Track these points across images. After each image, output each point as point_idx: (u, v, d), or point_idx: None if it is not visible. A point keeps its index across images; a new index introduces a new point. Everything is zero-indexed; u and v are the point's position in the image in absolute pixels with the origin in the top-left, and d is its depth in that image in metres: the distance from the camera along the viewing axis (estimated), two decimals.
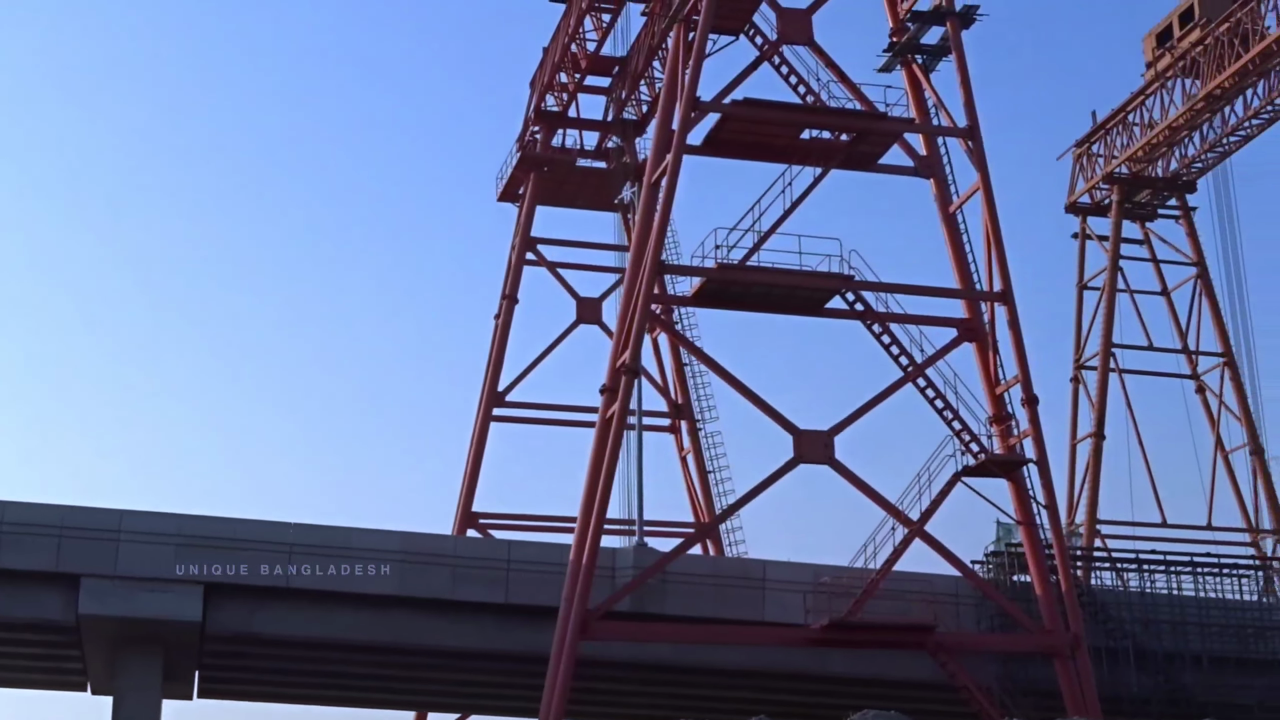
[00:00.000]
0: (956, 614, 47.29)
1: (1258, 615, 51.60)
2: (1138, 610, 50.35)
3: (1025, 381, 46.36)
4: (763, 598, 46.39)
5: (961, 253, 48.00)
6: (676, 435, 62.83)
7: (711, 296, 46.42)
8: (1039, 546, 45.81)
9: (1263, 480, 65.48)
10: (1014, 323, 46.70)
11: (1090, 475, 64.70)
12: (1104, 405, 65.25)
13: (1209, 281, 67.97)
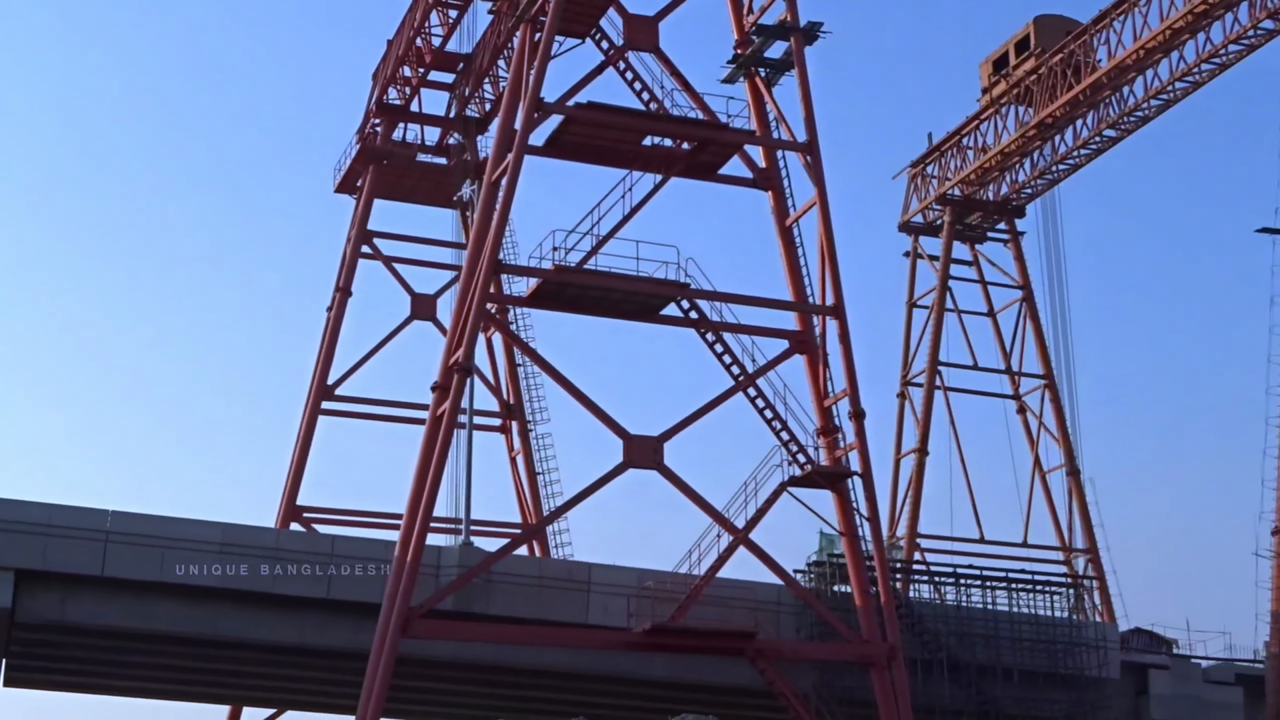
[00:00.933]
0: (777, 622, 47.78)
1: (1067, 632, 52.89)
2: (953, 623, 51.33)
3: (853, 395, 47.05)
4: (587, 600, 46.45)
5: (796, 266, 48.59)
6: (507, 436, 62.73)
7: (547, 298, 46.41)
8: (860, 558, 46.49)
9: (1077, 500, 67.16)
10: (844, 337, 47.37)
11: (912, 490, 65.87)
12: (928, 422, 66.46)
13: (1034, 305, 69.59)
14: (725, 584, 45.80)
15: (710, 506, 44.94)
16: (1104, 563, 66.07)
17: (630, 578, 46.66)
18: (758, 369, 46.51)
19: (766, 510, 45.65)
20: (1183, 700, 54.27)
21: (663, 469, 44.75)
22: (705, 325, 46.29)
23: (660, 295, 45.84)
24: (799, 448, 46.22)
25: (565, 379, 45.16)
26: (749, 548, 45.13)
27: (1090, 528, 66.70)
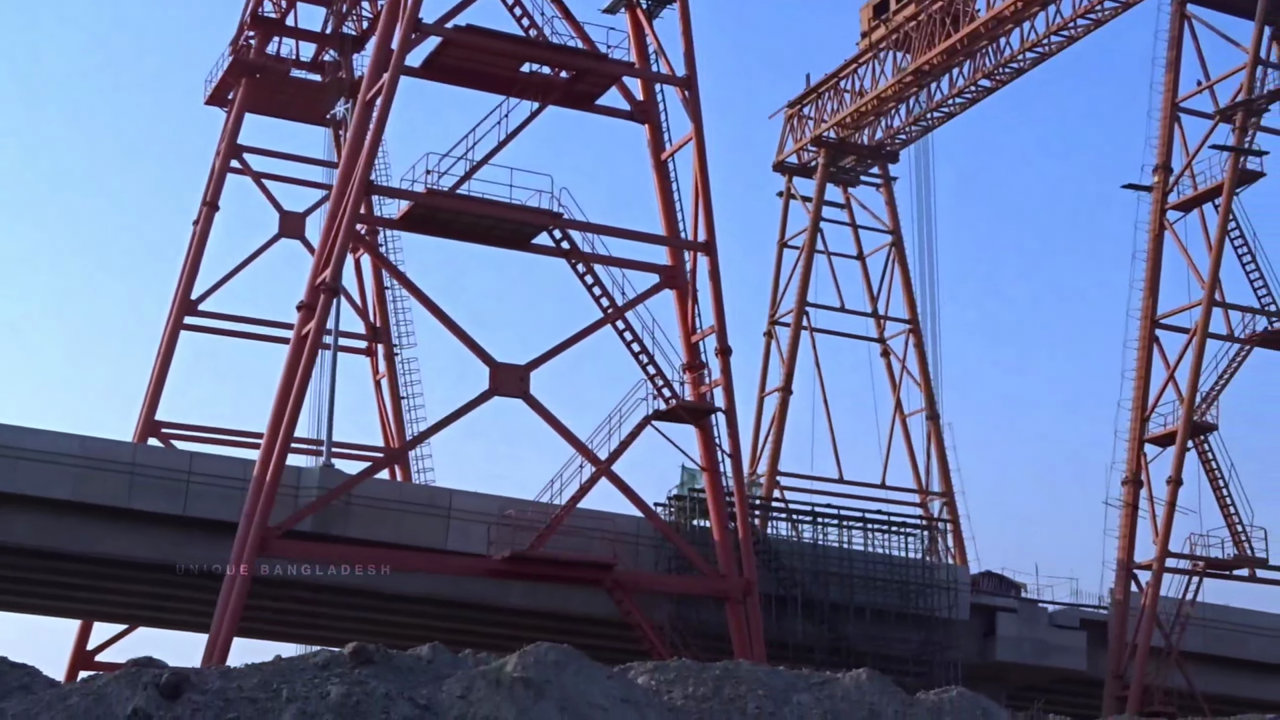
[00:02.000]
0: (636, 554, 48.10)
1: (920, 573, 53.85)
2: (809, 561, 52.03)
3: (720, 332, 47.32)
4: (447, 526, 46.41)
5: (669, 201, 48.65)
6: (372, 359, 62.24)
7: (418, 221, 46.05)
8: (720, 493, 46.93)
9: (935, 445, 68.23)
10: (714, 274, 47.59)
11: (775, 428, 66.43)
12: (793, 361, 66.98)
13: (902, 250, 70.34)
14: (586, 515, 46.01)
15: (574, 437, 45.06)
16: (959, 506, 67.33)
17: (491, 505, 46.68)
18: (627, 302, 46.59)
19: (630, 443, 45.88)
20: (1028, 643, 55.54)
21: (528, 398, 44.75)
22: (576, 256, 46.22)
23: (532, 224, 45.68)
24: (665, 382, 46.42)
25: (433, 304, 44.92)
26: (611, 479, 45.34)
27: (947, 472, 67.83)
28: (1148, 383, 56.78)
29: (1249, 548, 55.32)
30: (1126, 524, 55.86)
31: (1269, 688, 58.32)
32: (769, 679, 23.54)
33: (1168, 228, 57.80)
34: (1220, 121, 57.66)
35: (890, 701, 22.85)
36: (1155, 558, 54.86)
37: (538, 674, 19.94)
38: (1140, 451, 56.38)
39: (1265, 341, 57.49)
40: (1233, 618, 58.24)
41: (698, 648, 45.16)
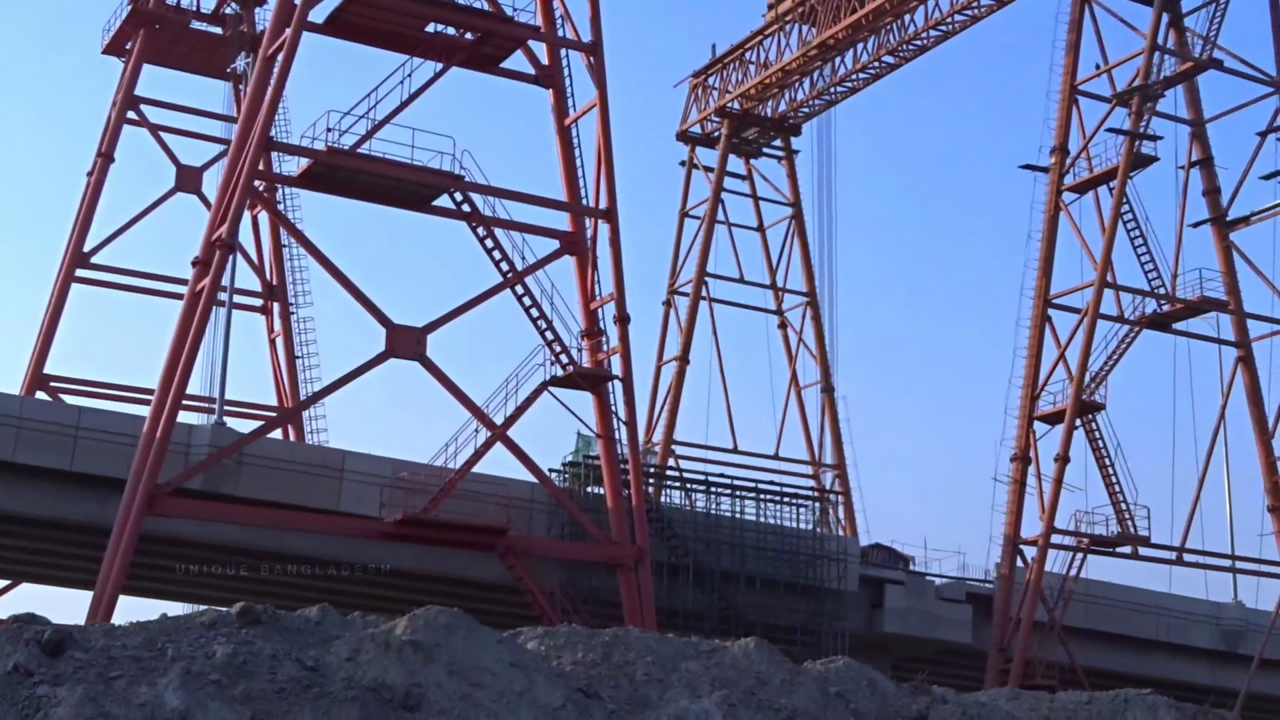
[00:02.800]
0: (529, 519, 48.14)
1: (810, 544, 54.32)
2: (701, 530, 52.32)
3: (619, 300, 47.36)
4: (339, 487, 46.16)
5: (572, 167, 48.53)
6: (268, 317, 61.66)
7: (317, 179, 45.62)
8: (615, 461, 47.03)
9: (830, 417, 68.78)
10: (615, 241, 47.59)
11: (671, 397, 66.65)
12: (691, 331, 67.20)
13: (802, 223, 70.72)
14: (480, 479, 45.93)
15: (470, 401, 44.94)
16: (850, 479, 67.96)
17: (385, 467, 46.48)
18: (526, 267, 46.48)
19: (526, 408, 45.83)
20: (915, 615, 56.24)
21: (425, 361, 44.55)
22: (476, 219, 46.02)
23: (433, 185, 45.41)
24: (562, 348, 46.41)
25: (330, 263, 44.56)
26: (506, 444, 45.29)
27: (840, 444, 68.42)
28: (1039, 361, 57.56)
29: (1132, 526, 56.32)
30: (1014, 500, 56.67)
31: (1148, 663, 59.53)
32: (658, 646, 23.65)
33: (1063, 209, 58.54)
34: (1117, 105, 58.43)
35: (777, 671, 23.02)
36: (1041, 534, 55.72)
37: (427, 637, 19.91)
38: (1029, 429, 57.18)
39: (1154, 323, 58.48)
40: (1114, 594, 59.31)
41: (588, 614, 45.28)
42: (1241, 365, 60.57)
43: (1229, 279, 60.78)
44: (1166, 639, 59.91)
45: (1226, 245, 61.25)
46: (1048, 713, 27.55)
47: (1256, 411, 60.54)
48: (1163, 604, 59.85)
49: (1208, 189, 61.63)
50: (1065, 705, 28.25)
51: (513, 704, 19.54)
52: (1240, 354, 60.59)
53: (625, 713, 20.57)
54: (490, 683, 19.76)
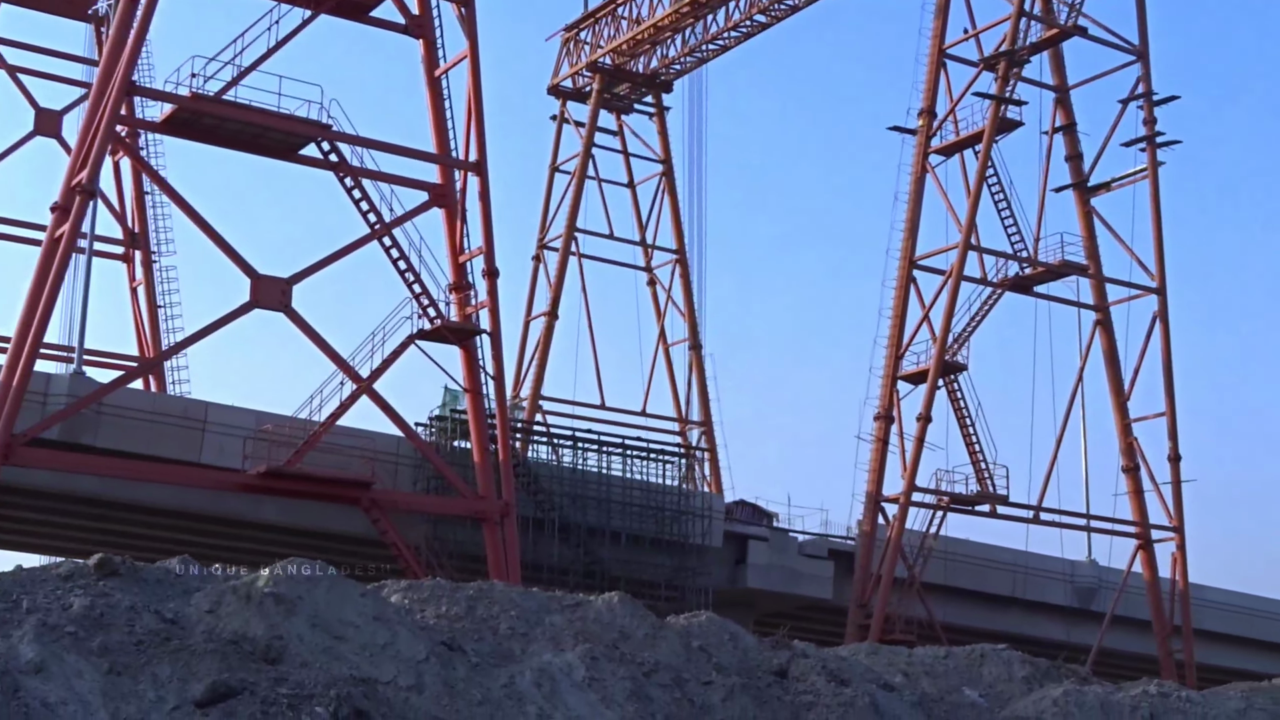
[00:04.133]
0: (395, 473, 47.88)
1: (676, 500, 54.65)
2: (567, 485, 52.42)
3: (488, 253, 47.14)
4: (201, 439, 45.57)
5: (442, 119, 48.12)
6: (129, 265, 60.47)
7: (182, 126, 44.82)
8: (482, 415, 46.90)
9: (697, 374, 69.14)
10: (484, 194, 47.33)
11: (539, 352, 66.56)
12: (560, 286, 67.11)
13: (673, 180, 70.81)
14: (345, 432, 45.59)
15: (335, 353, 44.54)
16: (717, 436, 68.42)
17: (248, 419, 45.96)
18: (394, 219, 46.08)
19: (392, 361, 45.52)
20: (777, 571, 56.86)
21: (290, 312, 44.04)
22: (344, 170, 45.51)
23: (300, 134, 44.81)
24: (430, 301, 46.13)
25: (194, 211, 43.84)
26: (371, 398, 44.97)
27: (706, 401, 68.85)
28: (903, 322, 58.27)
29: (991, 485, 57.33)
30: (876, 458, 57.41)
31: (1004, 619, 60.75)
32: (522, 600, 23.69)
33: (929, 171, 59.20)
34: (984, 70, 59.15)
35: (641, 624, 23.17)
36: (902, 491, 56.52)
37: (289, 590, 19.77)
38: (893, 388, 57.92)
39: (1016, 286, 59.44)
40: (973, 551, 60.42)
41: (453, 568, 45.24)
42: (1100, 329, 61.79)
43: (1089, 244, 61.94)
44: (1022, 596, 61.15)
45: (1087, 210, 62.38)
46: (905, 667, 28.02)
47: (1113, 374, 61.83)
48: (1019, 562, 61.05)
49: (1070, 155, 62.68)
50: (923, 660, 28.75)
51: (375, 657, 19.48)
52: (1099, 318, 61.80)
53: (488, 666, 20.60)
54: (353, 636, 19.68)
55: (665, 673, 21.63)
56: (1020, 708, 25.87)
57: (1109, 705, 25.71)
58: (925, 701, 23.73)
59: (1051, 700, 25.65)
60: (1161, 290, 61.74)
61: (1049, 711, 25.21)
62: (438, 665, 19.85)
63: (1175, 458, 61.08)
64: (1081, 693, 25.98)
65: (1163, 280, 61.84)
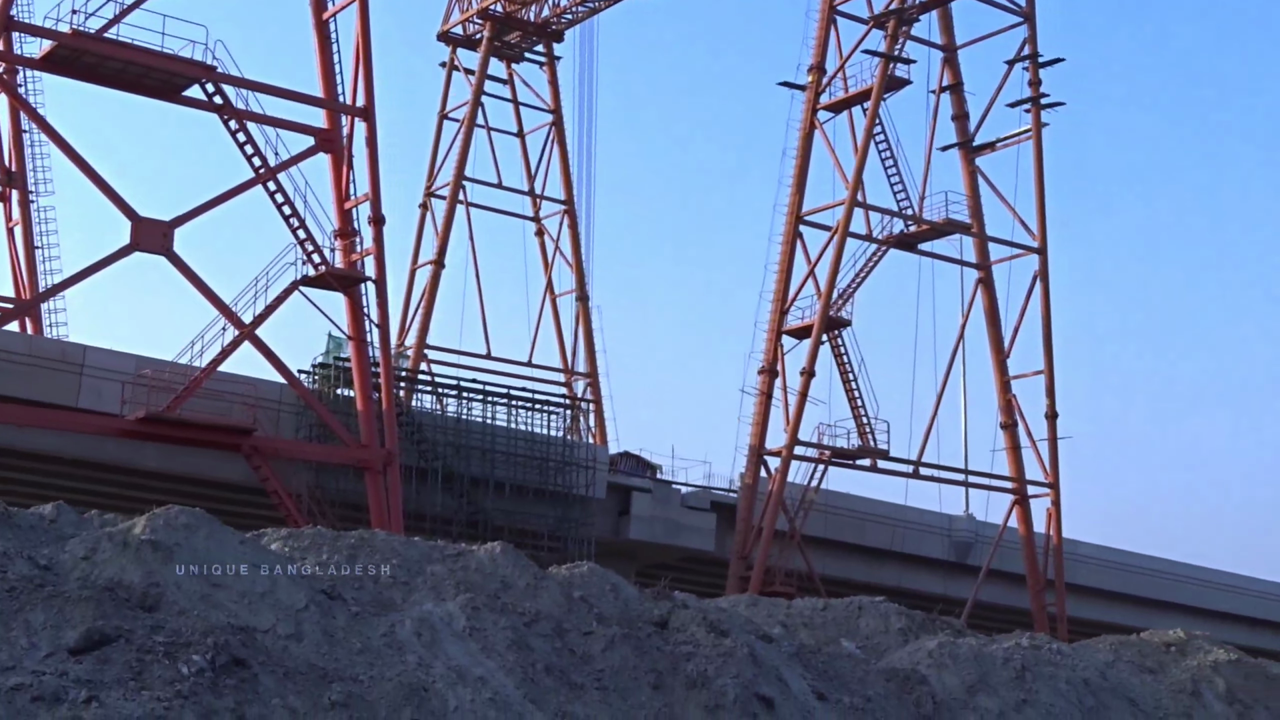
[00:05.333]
0: (277, 421, 47.49)
1: (560, 451, 54.73)
2: (452, 435, 52.30)
3: (375, 200, 46.77)
4: (79, 383, 44.87)
5: (329, 63, 47.58)
6: (5, 205, 59.25)
7: (61, 63, 43.91)
8: (366, 363, 46.62)
9: (583, 326, 69.11)
10: (372, 140, 46.92)
11: (425, 301, 66.16)
12: (448, 235, 66.67)
13: (562, 130, 70.48)
14: (227, 379, 45.12)
15: (217, 298, 44.02)
16: (602, 387, 68.50)
17: (127, 364, 45.31)
18: (279, 163, 45.55)
19: (275, 307, 45.09)
20: (660, 522, 57.18)
21: (171, 255, 43.45)
22: (229, 112, 44.87)
23: (184, 75, 44.10)
24: (315, 248, 45.70)
25: (74, 151, 43.04)
26: (254, 344, 44.53)
27: (593, 353, 68.86)
28: (789, 276, 58.65)
29: (872, 439, 57.99)
30: (760, 412, 57.82)
31: (882, 572, 61.58)
32: (404, 549, 23.62)
33: (818, 127, 59.49)
34: (874, 27, 59.47)
35: (522, 575, 23.19)
36: (785, 445, 56.99)
37: (167, 537, 19.56)
38: (777, 342, 58.32)
39: (900, 243, 60.00)
40: (853, 505, 61.12)
41: (335, 517, 45.03)
42: (982, 287, 62.58)
43: (973, 203, 62.64)
44: (901, 549, 62.01)
45: (972, 170, 63.06)
46: (784, 619, 28.32)
47: (994, 331, 62.69)
48: (898, 516, 61.89)
49: (957, 114, 63.29)
50: (802, 611, 29.07)
51: (254, 605, 19.35)
52: (981, 276, 62.58)
53: (369, 615, 20.54)
54: (232, 584, 19.53)
55: (546, 623, 21.70)
56: (896, 659, 26.25)
57: (982, 657, 26.15)
58: (803, 653, 24.00)
59: (926, 652, 26.04)
60: (1043, 250, 62.62)
61: (924, 663, 25.59)
62: (317, 614, 19.76)
63: (1052, 415, 62.12)
64: (956, 645, 26.40)
65: (1044, 240, 62.72)
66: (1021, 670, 26.23)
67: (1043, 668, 26.77)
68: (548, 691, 20.10)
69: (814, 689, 22.75)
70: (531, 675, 20.19)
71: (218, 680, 16.89)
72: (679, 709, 20.95)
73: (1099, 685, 27.23)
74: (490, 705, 19.13)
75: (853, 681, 23.87)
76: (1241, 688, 28.88)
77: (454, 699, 19.02)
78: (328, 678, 18.34)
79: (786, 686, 22.22)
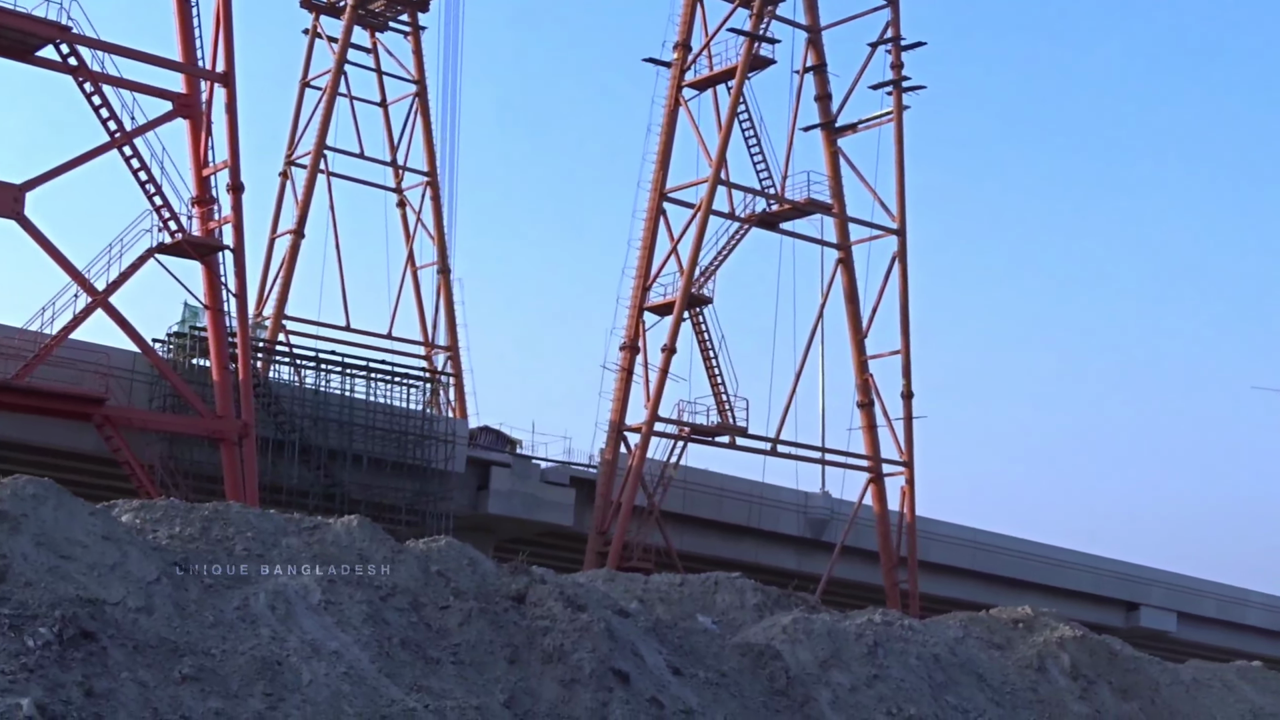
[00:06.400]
0: (130, 390, 46.66)
1: (420, 424, 54.42)
2: (309, 407, 51.77)
3: (234, 167, 46.07)
4: None
5: (188, 27, 46.69)
6: None
7: None
8: (223, 333, 45.97)
9: (444, 299, 68.70)
10: (231, 106, 46.18)
11: (284, 271, 65.40)
12: (308, 204, 65.96)
13: (426, 102, 69.93)
14: (79, 346, 44.23)
15: (69, 264, 43.12)
16: (463, 361, 68.25)
17: None
18: (136, 128, 44.68)
19: (130, 274, 44.27)
20: (519, 497, 57.12)
21: (22, 219, 42.46)
22: (84, 74, 43.88)
23: (38, 35, 43.05)
24: (171, 215, 44.92)
25: None
26: (107, 311, 43.70)
27: (454, 326, 68.49)
28: (651, 253, 58.79)
29: (731, 416, 58.38)
30: (621, 388, 57.96)
31: (739, 548, 62.05)
32: (259, 521, 23.37)
33: (683, 104, 59.65)
34: (739, 6, 59.68)
35: (379, 548, 23.08)
36: (645, 421, 57.19)
37: (14, 507, 19.18)
38: (639, 319, 58.46)
39: (762, 222, 60.38)
40: (711, 481, 61.49)
41: (189, 489, 44.39)
42: (841, 267, 63.19)
43: (835, 183, 63.19)
44: (758, 526, 62.51)
45: (834, 151, 63.59)
46: (641, 594, 28.47)
47: (853, 311, 63.34)
48: (755, 492, 62.37)
49: (820, 95, 63.75)
50: (659, 587, 29.25)
51: (104, 577, 19.05)
52: (841, 256, 63.18)
53: (222, 588, 20.32)
54: (81, 555, 19.20)
55: (403, 596, 21.61)
56: (751, 634, 26.51)
57: (835, 632, 26.50)
58: (659, 628, 24.15)
59: (781, 627, 26.34)
60: (901, 231, 63.37)
61: (778, 638, 25.88)
62: (169, 586, 19.50)
63: (908, 394, 62.96)
64: (810, 620, 26.73)
65: (903, 222, 63.47)
66: (873, 646, 26.63)
67: (894, 643, 27.20)
68: (403, 665, 20.02)
69: (669, 663, 22.91)
70: (387, 649, 20.10)
71: (65, 653, 16.61)
72: (535, 683, 20.99)
73: (948, 660, 27.72)
74: (344, 679, 19.02)
75: (708, 656, 24.06)
76: (1085, 663, 29.57)
77: (308, 672, 18.88)
78: (179, 651, 18.12)
79: (642, 661, 22.35)
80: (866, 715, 24.76)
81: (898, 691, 25.68)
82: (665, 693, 21.94)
